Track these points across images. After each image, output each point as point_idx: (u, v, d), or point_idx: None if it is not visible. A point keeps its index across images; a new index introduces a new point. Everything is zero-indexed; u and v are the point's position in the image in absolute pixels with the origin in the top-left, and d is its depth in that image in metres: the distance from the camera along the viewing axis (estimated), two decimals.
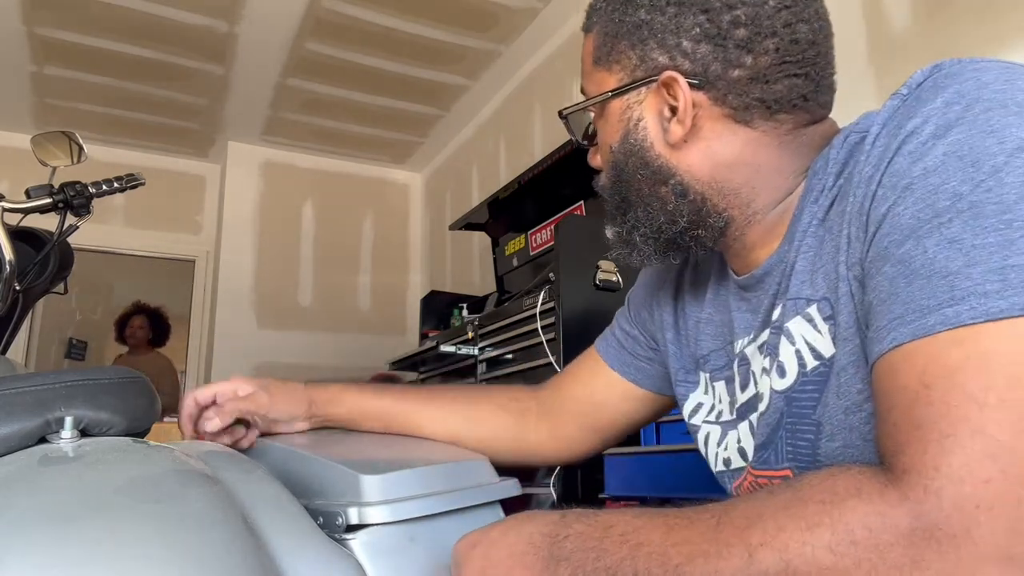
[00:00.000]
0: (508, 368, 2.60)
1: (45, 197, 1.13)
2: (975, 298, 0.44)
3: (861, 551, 0.42)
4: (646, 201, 0.68)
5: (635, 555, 0.50)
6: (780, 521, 0.45)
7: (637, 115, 0.67)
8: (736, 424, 0.72)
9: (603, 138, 0.71)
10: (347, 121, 4.47)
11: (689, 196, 0.66)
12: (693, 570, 0.47)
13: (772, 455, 0.64)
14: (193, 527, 0.49)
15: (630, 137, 0.68)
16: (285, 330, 4.60)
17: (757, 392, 0.67)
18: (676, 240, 0.68)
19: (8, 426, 0.57)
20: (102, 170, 1.45)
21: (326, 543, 0.59)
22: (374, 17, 3.42)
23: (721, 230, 0.67)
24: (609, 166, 0.71)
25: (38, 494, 0.49)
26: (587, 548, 0.53)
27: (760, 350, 0.67)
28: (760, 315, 0.67)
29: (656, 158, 0.66)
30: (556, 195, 3.09)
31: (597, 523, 0.54)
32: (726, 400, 0.73)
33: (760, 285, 0.68)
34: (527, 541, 0.57)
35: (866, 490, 0.44)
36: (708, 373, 0.76)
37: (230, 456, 0.69)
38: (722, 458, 0.73)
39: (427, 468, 0.72)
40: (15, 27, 3.44)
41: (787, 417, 0.62)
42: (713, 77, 0.63)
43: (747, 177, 0.65)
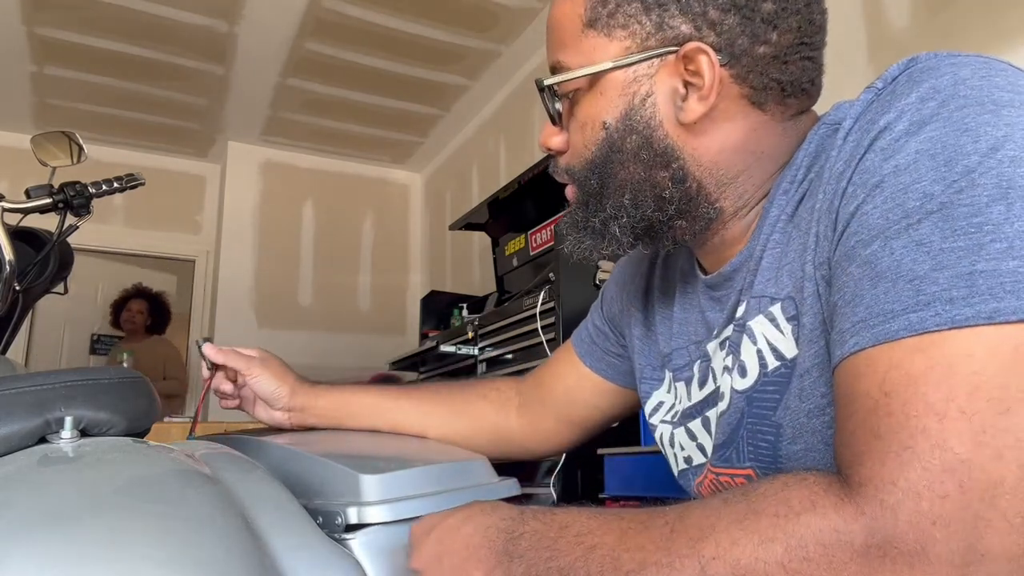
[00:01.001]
0: (508, 368, 2.60)
1: (45, 197, 1.13)
2: (940, 304, 0.42)
3: (814, 568, 0.41)
4: (636, 187, 0.61)
5: (588, 557, 0.49)
6: (734, 534, 0.44)
7: (646, 90, 0.60)
8: (685, 422, 0.70)
9: (589, 113, 0.62)
10: (347, 121, 4.47)
11: (686, 183, 0.61)
12: None
13: (733, 454, 0.62)
14: (193, 527, 0.49)
15: (635, 114, 0.60)
16: (285, 330, 4.60)
17: (716, 389, 0.65)
18: (656, 229, 0.63)
19: (8, 426, 0.57)
20: (102, 170, 1.45)
21: (326, 543, 0.59)
22: (374, 17, 3.42)
23: (708, 222, 0.63)
24: (597, 146, 0.62)
25: (38, 494, 0.49)
26: (541, 547, 0.52)
27: (721, 346, 0.65)
28: (726, 312, 0.65)
29: (663, 139, 0.60)
30: (556, 195, 3.08)
31: (553, 522, 0.53)
32: (685, 401, 0.71)
33: (728, 283, 0.65)
34: (483, 534, 0.56)
35: (820, 504, 0.43)
36: (672, 372, 0.74)
37: (230, 456, 0.69)
38: (682, 457, 0.72)
39: (426, 468, 0.72)
40: (15, 27, 3.44)
41: (748, 417, 0.60)
42: (739, 52, 0.58)
43: (747, 165, 0.61)
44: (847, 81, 2.17)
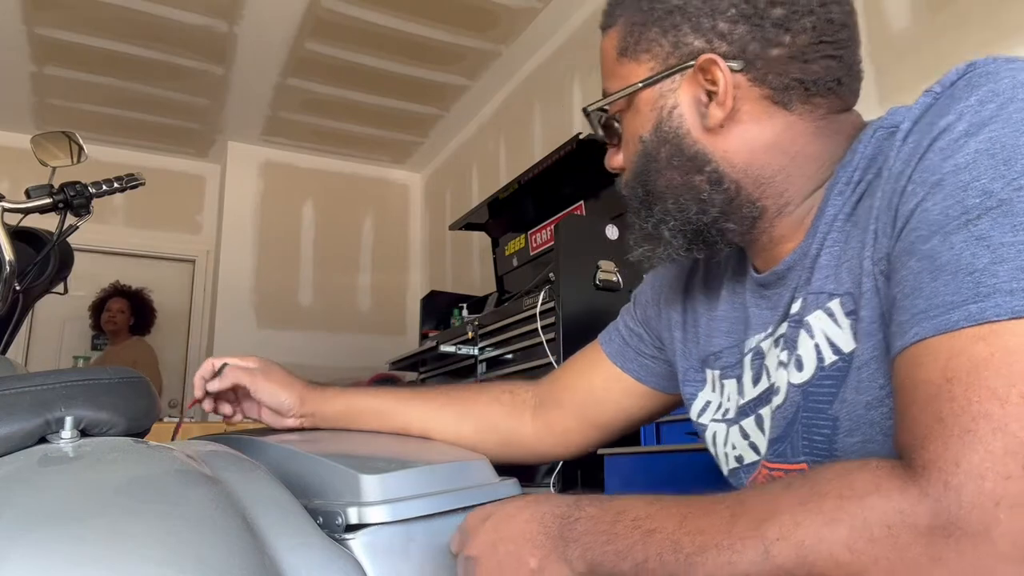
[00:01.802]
0: (508, 368, 2.60)
1: (45, 197, 1.13)
2: (1000, 295, 0.44)
3: (879, 548, 0.43)
4: (677, 192, 0.66)
5: (647, 541, 0.51)
6: (797, 516, 0.45)
7: (671, 103, 0.65)
8: (739, 420, 0.71)
9: (631, 131, 0.69)
10: (347, 121, 4.47)
11: (724, 184, 0.64)
12: (705, 560, 0.47)
13: (788, 448, 0.63)
14: (193, 527, 0.49)
15: (664, 126, 0.66)
16: (285, 330, 4.60)
17: (771, 385, 0.66)
18: (704, 232, 0.67)
19: (8, 426, 0.57)
20: (102, 170, 1.45)
21: (326, 543, 0.59)
22: (374, 17, 3.42)
23: (753, 221, 0.66)
24: (637, 158, 0.68)
25: (38, 494, 0.49)
26: (598, 531, 0.54)
27: (776, 343, 0.66)
28: (779, 310, 0.67)
29: (692, 145, 0.65)
30: (556, 195, 3.09)
31: (610, 507, 0.55)
32: (734, 398, 0.72)
33: (781, 282, 0.67)
34: (538, 521, 0.58)
35: (885, 486, 0.44)
36: (718, 371, 0.75)
37: (230, 456, 0.69)
38: (733, 456, 0.73)
39: (427, 468, 0.72)
40: (15, 27, 3.44)
41: (803, 411, 0.61)
42: (752, 57, 0.62)
43: (782, 164, 0.64)
44: None
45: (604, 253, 2.50)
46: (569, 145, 2.73)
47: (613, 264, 2.49)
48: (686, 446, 1.57)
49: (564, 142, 2.78)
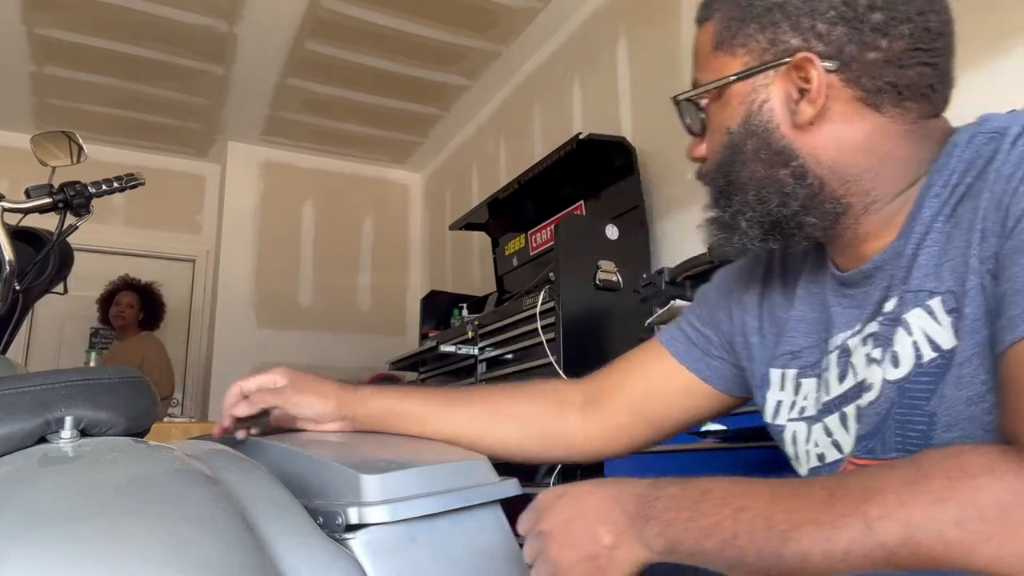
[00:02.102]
0: (508, 368, 2.60)
1: (45, 197, 1.13)
2: None
3: (991, 527, 0.43)
4: (760, 184, 0.68)
5: (736, 518, 0.51)
6: (903, 496, 0.46)
7: (763, 97, 0.67)
8: (822, 418, 0.71)
9: (718, 122, 0.71)
10: (347, 121, 4.47)
11: (807, 179, 0.66)
12: (802, 536, 0.48)
13: (878, 444, 0.64)
14: (193, 527, 0.49)
15: (753, 119, 0.67)
16: (285, 330, 4.60)
17: (860, 382, 0.67)
18: (783, 224, 0.68)
19: (8, 426, 0.57)
20: (102, 170, 1.45)
21: (326, 543, 0.59)
22: (374, 17, 3.42)
23: (836, 217, 0.67)
24: (722, 148, 0.70)
25: (38, 494, 0.49)
26: (680, 508, 0.54)
27: (865, 341, 0.67)
28: (867, 308, 0.68)
29: (780, 139, 0.66)
30: (556, 195, 3.10)
31: (693, 487, 0.56)
32: (812, 396, 0.73)
33: (868, 280, 0.68)
34: (615, 498, 0.59)
35: (999, 468, 0.45)
36: (794, 370, 0.76)
37: (230, 456, 0.69)
38: (815, 454, 0.73)
39: (427, 468, 0.72)
40: (15, 27, 3.44)
41: (898, 407, 0.62)
42: (848, 58, 0.63)
43: (870, 164, 0.65)
44: None
45: (604, 253, 2.50)
46: (569, 145, 2.73)
47: (613, 264, 2.49)
48: (686, 446, 1.57)
49: (564, 142, 2.78)
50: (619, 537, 0.57)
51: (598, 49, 3.25)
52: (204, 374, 4.51)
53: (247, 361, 4.41)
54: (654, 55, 2.90)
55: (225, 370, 4.37)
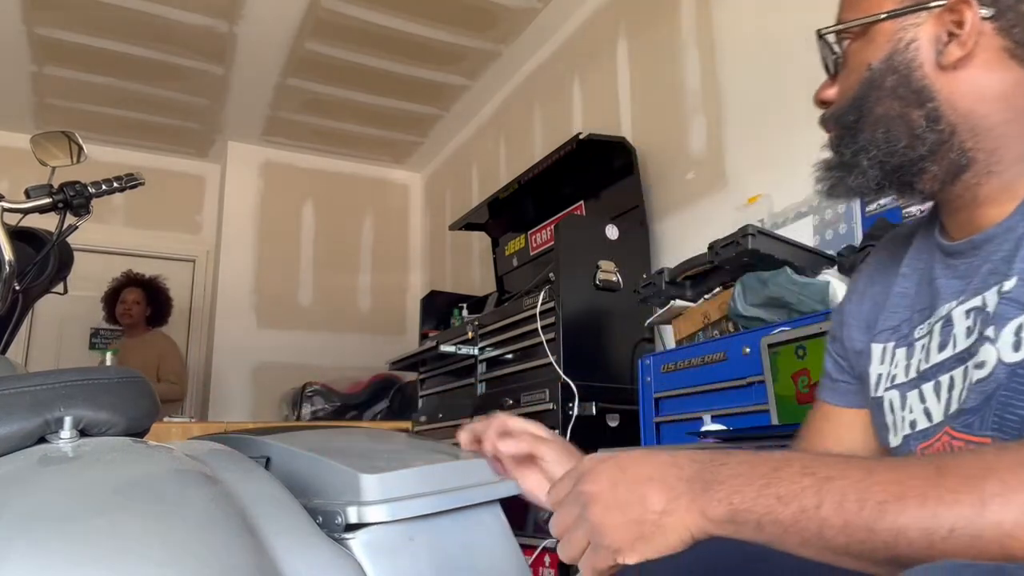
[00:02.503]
0: (508, 368, 2.60)
1: (45, 197, 1.13)
2: None
3: None
4: (891, 122, 0.67)
5: (822, 487, 0.47)
6: (1020, 476, 0.43)
7: (911, 36, 0.67)
8: (919, 384, 0.70)
9: (858, 59, 0.70)
10: (347, 121, 4.47)
11: (940, 125, 0.65)
12: (902, 509, 0.45)
13: (977, 421, 0.63)
14: (193, 527, 0.49)
15: (897, 56, 0.67)
16: (285, 330, 4.60)
17: (961, 353, 0.66)
18: (905, 169, 0.67)
19: (8, 426, 0.57)
20: (102, 170, 1.45)
21: (325, 542, 0.59)
22: (374, 17, 3.42)
23: (959, 170, 0.66)
24: (860, 85, 0.69)
25: (38, 494, 0.49)
26: (754, 475, 0.50)
27: (968, 314, 0.66)
28: (973, 280, 0.66)
29: (921, 79, 0.66)
30: (556, 195, 3.09)
31: (767, 456, 0.52)
32: (902, 365, 0.73)
33: (976, 252, 0.67)
34: (672, 463, 0.54)
35: None
36: (893, 343, 0.75)
37: (230, 456, 0.69)
38: (908, 421, 0.71)
39: (426, 467, 0.72)
40: (15, 27, 3.44)
41: (1003, 389, 0.61)
42: (1004, 7, 0.64)
43: (1004, 118, 0.65)
44: None
45: (604, 253, 2.50)
46: (569, 145, 2.73)
47: (613, 264, 2.48)
48: (686, 446, 1.57)
49: (564, 142, 2.78)
50: (672, 501, 0.52)
51: (598, 49, 3.24)
52: (204, 374, 4.51)
53: (247, 361, 4.41)
54: (654, 55, 2.90)
55: (225, 370, 4.37)
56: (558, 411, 2.20)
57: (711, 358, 1.76)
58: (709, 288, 1.92)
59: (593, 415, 2.22)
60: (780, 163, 2.26)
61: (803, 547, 0.48)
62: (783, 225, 2.16)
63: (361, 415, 4.14)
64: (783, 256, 1.71)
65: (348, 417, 4.13)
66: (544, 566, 2.17)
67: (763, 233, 1.72)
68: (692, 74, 2.68)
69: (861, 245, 1.69)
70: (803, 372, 1.47)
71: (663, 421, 1.89)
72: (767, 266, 1.70)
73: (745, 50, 2.46)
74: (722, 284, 1.88)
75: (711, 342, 1.79)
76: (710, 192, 2.55)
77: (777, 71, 2.31)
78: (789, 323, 1.57)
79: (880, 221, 1.76)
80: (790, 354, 1.50)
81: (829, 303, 1.57)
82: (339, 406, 4.13)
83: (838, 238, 1.99)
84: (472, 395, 2.75)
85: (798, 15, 2.24)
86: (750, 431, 1.47)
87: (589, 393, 2.23)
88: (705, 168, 2.58)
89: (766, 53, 2.36)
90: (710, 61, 2.60)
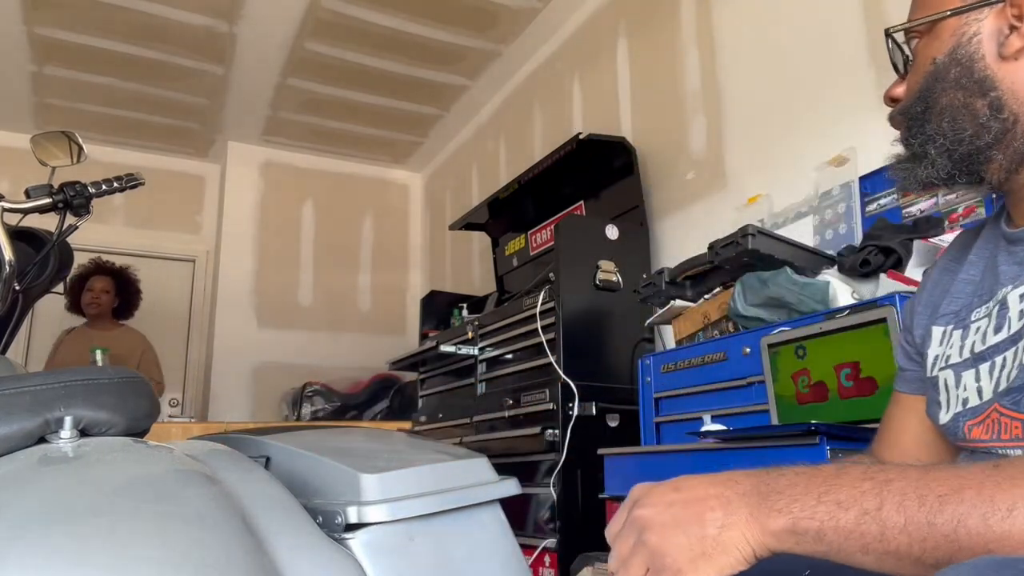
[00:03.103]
0: (508, 368, 2.60)
1: (45, 197, 1.13)
2: None
3: None
4: (955, 113, 0.70)
5: (882, 489, 0.48)
6: None
7: (974, 30, 0.69)
8: (975, 364, 0.72)
9: (925, 54, 0.73)
10: (347, 121, 4.47)
11: (1003, 113, 0.68)
12: (961, 498, 0.45)
13: (1022, 399, 0.65)
14: (193, 527, 0.49)
15: (960, 50, 0.70)
16: (285, 330, 4.60)
17: (1013, 336, 0.68)
18: (971, 158, 0.69)
19: (8, 426, 0.57)
20: (102, 170, 1.46)
21: (325, 542, 0.59)
22: (374, 17, 3.42)
23: (1022, 159, 0.68)
24: (925, 78, 0.72)
25: (38, 494, 0.49)
26: (812, 484, 0.50)
27: (1022, 298, 0.68)
28: None
29: (984, 69, 0.69)
30: (556, 195, 3.09)
31: (826, 466, 0.53)
32: (957, 345, 0.75)
33: None
34: (726, 478, 0.54)
35: None
36: (952, 325, 0.77)
37: (230, 456, 0.69)
38: (961, 399, 0.74)
39: (426, 467, 0.72)
40: (15, 27, 3.44)
41: None
42: None
43: None
44: (848, 81, 2.18)
45: (604, 253, 2.50)
46: (569, 145, 2.73)
47: (613, 264, 2.49)
48: (686, 446, 1.57)
49: (564, 142, 2.78)
50: (730, 515, 0.51)
51: (598, 49, 3.24)
52: (204, 374, 4.51)
53: (247, 361, 4.41)
54: (654, 55, 2.90)
55: (225, 370, 4.36)
56: (558, 411, 2.20)
57: (711, 358, 1.76)
58: (709, 288, 1.92)
59: (593, 415, 2.22)
60: (780, 163, 2.26)
61: (864, 553, 0.48)
62: (783, 225, 2.16)
63: (361, 415, 4.14)
64: (783, 256, 1.71)
65: (348, 417, 4.13)
66: (544, 566, 2.17)
67: (763, 233, 1.72)
68: (692, 74, 2.68)
69: (861, 245, 1.68)
70: (803, 372, 1.47)
71: (663, 421, 1.89)
72: (767, 266, 1.70)
73: (745, 50, 2.46)
74: (722, 284, 1.88)
75: (711, 342, 1.79)
76: (710, 192, 2.55)
77: (777, 71, 2.31)
78: (789, 323, 1.57)
79: (880, 221, 1.76)
80: (790, 354, 1.50)
81: (829, 303, 1.57)
82: (339, 406, 4.14)
83: (838, 238, 1.99)
84: (472, 395, 2.75)
85: (798, 16, 2.24)
86: (750, 431, 1.47)
87: (589, 393, 2.23)
88: (705, 168, 2.59)
89: (766, 53, 2.36)
90: (710, 61, 2.60)
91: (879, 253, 1.59)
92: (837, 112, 2.08)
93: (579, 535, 2.12)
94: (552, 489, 2.15)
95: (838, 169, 2.03)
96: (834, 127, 2.07)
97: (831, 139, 2.05)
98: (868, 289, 1.60)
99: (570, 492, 2.15)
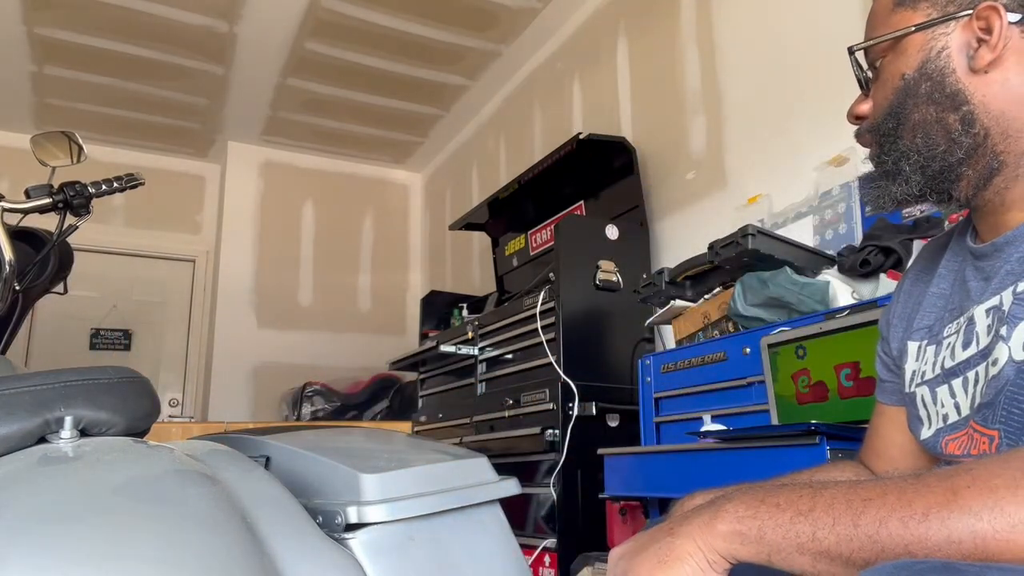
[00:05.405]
0: (508, 368, 2.60)
1: (45, 197, 1.13)
2: None
3: None
4: (927, 128, 0.70)
5: (816, 494, 0.52)
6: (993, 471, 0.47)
7: (942, 44, 0.70)
8: (948, 380, 0.73)
9: (892, 71, 0.73)
10: (347, 121, 4.47)
11: (975, 128, 0.68)
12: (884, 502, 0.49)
13: (989, 415, 0.66)
14: (193, 527, 0.49)
15: (930, 64, 0.70)
16: (285, 330, 4.60)
17: (984, 350, 0.68)
18: (943, 175, 0.70)
19: (8, 426, 0.57)
20: (102, 170, 1.45)
21: (325, 542, 0.59)
22: (374, 17, 3.42)
23: (990, 175, 0.68)
24: (895, 94, 0.72)
25: (38, 494, 0.49)
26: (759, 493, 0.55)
27: (988, 313, 0.68)
28: (993, 280, 0.69)
29: (955, 83, 0.69)
30: (556, 195, 3.09)
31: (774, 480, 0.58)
32: (931, 361, 0.75)
33: (998, 253, 0.69)
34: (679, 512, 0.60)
35: None
36: (926, 340, 0.78)
37: (230, 456, 0.69)
38: (941, 415, 0.74)
39: (426, 467, 0.72)
40: (15, 27, 3.44)
41: (1010, 385, 0.64)
42: None
43: None
44: (848, 81, 2.17)
45: (604, 253, 2.50)
46: (569, 145, 2.73)
47: (613, 264, 2.49)
48: (686, 446, 1.57)
49: (564, 142, 2.78)
50: (683, 527, 0.57)
51: (598, 49, 3.24)
52: (204, 374, 4.51)
53: (247, 361, 4.41)
54: (654, 55, 2.90)
55: (225, 370, 4.36)
56: (558, 411, 2.20)
57: (711, 358, 1.76)
58: (709, 288, 1.92)
59: (593, 415, 2.22)
60: (780, 163, 2.26)
61: (800, 553, 0.52)
62: (783, 225, 2.16)
63: (361, 415, 4.15)
64: (783, 256, 1.71)
65: (348, 417, 4.13)
66: (544, 566, 2.17)
67: (763, 233, 1.72)
68: (692, 74, 2.68)
69: (861, 245, 1.68)
70: (803, 372, 1.47)
71: (663, 421, 1.89)
72: (767, 266, 1.70)
73: (745, 50, 2.46)
74: (722, 284, 1.88)
75: (711, 342, 1.79)
76: (710, 192, 2.55)
77: (777, 71, 2.31)
78: (789, 323, 1.57)
79: (880, 221, 1.76)
80: (790, 354, 1.50)
81: (829, 303, 1.57)
82: (339, 406, 4.14)
83: (838, 238, 1.99)
84: (472, 395, 2.75)
85: (798, 16, 2.24)
86: (750, 431, 1.47)
87: (589, 393, 2.23)
88: (705, 168, 2.58)
89: (766, 53, 2.36)
90: (710, 61, 2.60)
91: (879, 253, 1.59)
92: (837, 112, 2.07)
93: (579, 535, 2.12)
94: (552, 489, 2.15)
95: (838, 169, 2.03)
96: (834, 127, 2.07)
97: (831, 139, 2.05)
98: (868, 289, 1.60)
99: (570, 492, 2.15)
